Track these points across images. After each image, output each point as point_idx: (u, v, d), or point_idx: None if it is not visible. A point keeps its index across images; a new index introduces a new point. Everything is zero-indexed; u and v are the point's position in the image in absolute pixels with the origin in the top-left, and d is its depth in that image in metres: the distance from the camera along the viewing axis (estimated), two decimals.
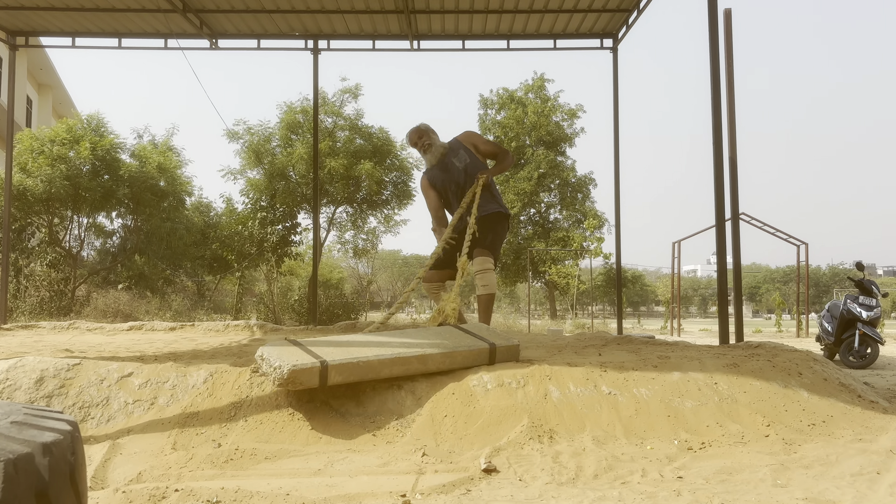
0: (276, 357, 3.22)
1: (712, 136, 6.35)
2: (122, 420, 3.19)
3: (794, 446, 2.88)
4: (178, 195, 15.98)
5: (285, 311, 16.01)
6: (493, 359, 3.75)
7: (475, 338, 3.94)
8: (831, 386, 3.62)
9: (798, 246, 15.23)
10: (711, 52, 6.41)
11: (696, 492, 2.30)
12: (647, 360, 3.82)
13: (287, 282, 19.05)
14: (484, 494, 2.31)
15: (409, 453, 2.81)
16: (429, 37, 9.76)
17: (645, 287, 50.40)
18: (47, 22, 9.39)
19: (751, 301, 60.02)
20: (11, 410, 1.36)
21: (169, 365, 3.57)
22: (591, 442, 2.90)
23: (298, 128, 16.39)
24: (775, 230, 15.03)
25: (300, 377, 3.11)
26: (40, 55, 21.57)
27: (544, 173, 24.27)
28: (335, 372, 3.21)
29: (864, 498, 2.23)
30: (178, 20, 9.13)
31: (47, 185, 13.62)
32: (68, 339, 6.97)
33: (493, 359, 3.75)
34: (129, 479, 2.51)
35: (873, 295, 7.57)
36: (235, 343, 6.41)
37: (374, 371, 3.36)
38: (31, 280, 13.88)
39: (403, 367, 3.46)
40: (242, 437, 3.01)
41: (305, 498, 2.24)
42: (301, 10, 8.89)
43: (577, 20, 9.27)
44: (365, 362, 3.32)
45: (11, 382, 3.29)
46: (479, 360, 3.72)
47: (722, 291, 6.52)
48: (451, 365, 3.62)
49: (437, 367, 3.56)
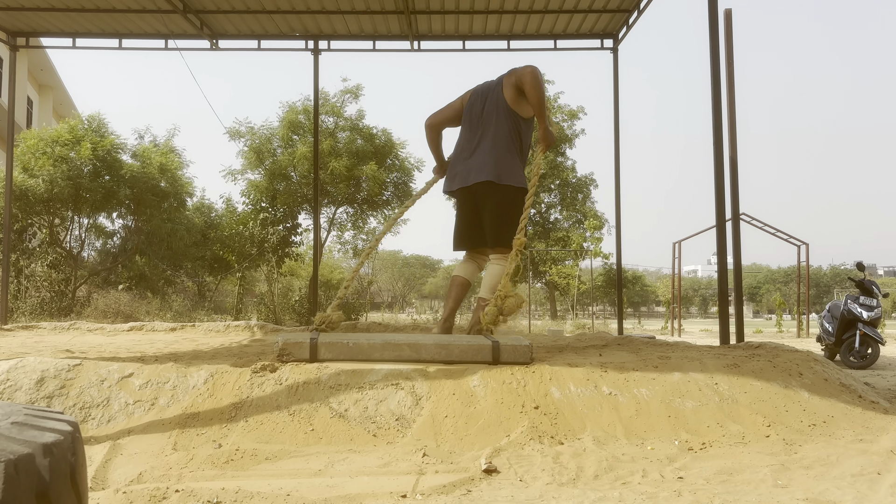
0: (282, 337, 3.71)
1: (713, 136, 6.35)
2: (122, 420, 3.19)
3: (795, 447, 2.88)
4: (179, 196, 15.98)
5: (286, 312, 16.02)
6: (498, 357, 3.60)
7: (483, 336, 3.89)
8: (832, 386, 3.62)
9: (798, 246, 15.23)
10: (711, 52, 6.41)
11: (696, 492, 2.30)
12: (647, 361, 3.83)
13: (287, 282, 19.05)
14: (484, 495, 2.31)
15: (409, 454, 2.81)
16: (429, 37, 9.76)
17: (645, 287, 50.39)
18: (48, 23, 9.40)
19: (751, 301, 59.98)
20: (12, 411, 1.36)
21: (169, 365, 3.57)
22: (592, 442, 2.90)
23: (300, 128, 16.40)
24: (776, 230, 15.03)
25: (292, 350, 3.52)
26: (41, 56, 21.59)
27: (544, 174, 24.28)
28: (325, 349, 3.50)
29: (865, 498, 2.23)
30: (178, 21, 9.14)
31: (49, 186, 13.63)
32: (69, 339, 6.97)
33: (498, 357, 3.60)
34: (130, 479, 2.51)
35: (874, 295, 7.57)
36: (236, 343, 6.41)
37: (363, 353, 3.51)
38: (32, 280, 13.89)
39: (395, 353, 3.54)
40: (243, 438, 3.01)
41: (306, 498, 2.24)
42: (301, 10, 8.89)
43: (577, 21, 9.27)
44: (354, 344, 3.52)
45: (12, 383, 3.30)
46: (480, 356, 3.61)
47: (722, 292, 6.53)
48: (447, 357, 3.58)
49: (430, 356, 3.54)
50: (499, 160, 4.25)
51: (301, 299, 16.44)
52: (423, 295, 57.00)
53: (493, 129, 4.30)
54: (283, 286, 18.14)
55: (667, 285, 34.72)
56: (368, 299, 29.37)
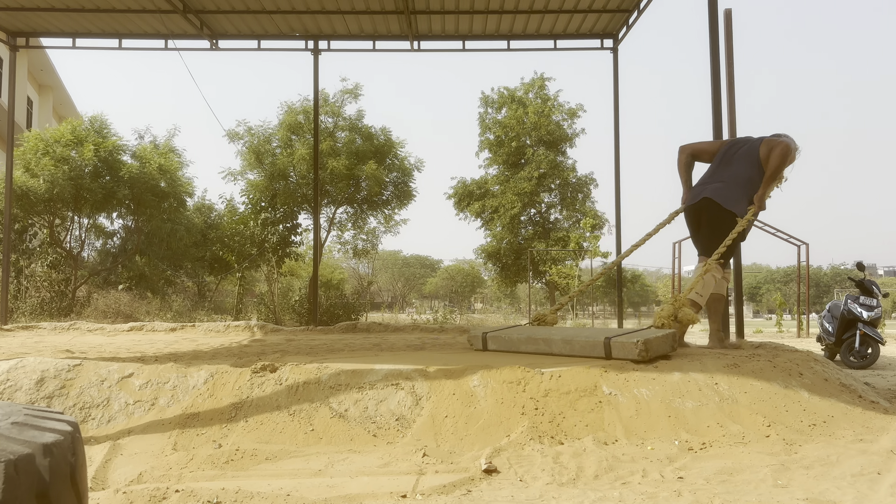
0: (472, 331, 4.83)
1: (712, 136, 6.35)
2: (122, 421, 3.19)
3: (795, 447, 2.88)
4: (178, 196, 15.98)
5: (286, 312, 16.01)
6: (609, 353, 3.77)
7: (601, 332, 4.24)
8: (832, 386, 3.62)
9: (798, 246, 15.22)
10: (712, 52, 6.42)
11: (696, 492, 2.30)
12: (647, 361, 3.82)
13: (287, 282, 19.05)
14: (484, 495, 2.31)
15: (409, 454, 2.81)
16: (429, 37, 9.76)
17: (645, 287, 50.39)
18: (48, 23, 9.40)
19: (751, 301, 60.00)
20: (12, 411, 1.36)
21: (169, 366, 3.57)
22: (592, 442, 2.90)
23: (299, 128, 16.39)
24: (776, 230, 15.02)
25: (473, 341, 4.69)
26: (41, 56, 21.59)
27: (545, 173, 24.25)
28: (490, 341, 4.54)
29: (865, 498, 2.23)
30: (178, 21, 9.14)
31: (50, 186, 13.63)
32: (69, 339, 6.97)
33: (609, 353, 3.77)
34: (130, 479, 2.51)
35: (874, 295, 7.56)
36: (236, 344, 6.41)
37: (514, 345, 4.36)
38: (32, 281, 13.88)
39: (533, 346, 4.24)
40: (243, 438, 3.01)
41: (306, 498, 2.24)
42: (301, 10, 8.89)
43: (577, 21, 9.27)
44: (508, 338, 4.42)
45: (12, 383, 3.30)
46: (595, 351, 3.86)
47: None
48: (570, 351, 4.02)
49: (559, 350, 4.08)
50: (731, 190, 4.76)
51: (301, 299, 16.43)
52: (423, 295, 57.03)
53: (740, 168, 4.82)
54: (283, 286, 18.14)
55: (666, 285, 34.67)
56: (368, 299, 29.36)
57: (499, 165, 25.27)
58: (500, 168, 25.25)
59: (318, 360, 3.84)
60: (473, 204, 25.24)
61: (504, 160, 25.02)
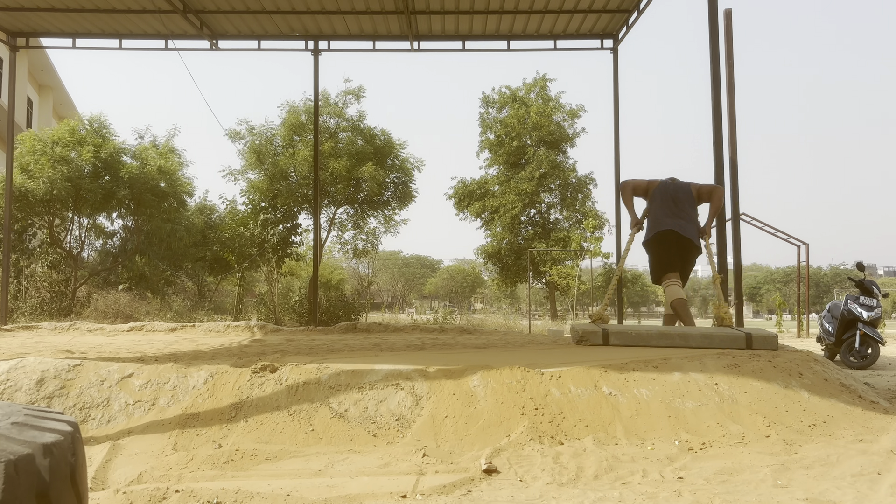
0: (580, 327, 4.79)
1: (713, 137, 6.35)
2: (122, 421, 3.19)
3: (795, 447, 2.88)
4: (178, 196, 15.97)
5: (286, 312, 16.00)
6: (751, 344, 4.32)
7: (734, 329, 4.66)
8: (832, 386, 3.61)
9: (798, 246, 15.22)
10: (712, 52, 6.42)
11: (696, 492, 2.30)
12: (647, 361, 3.82)
13: (287, 283, 19.03)
14: (484, 495, 2.31)
15: (409, 454, 2.81)
16: (429, 37, 9.76)
17: (645, 287, 50.37)
18: (48, 23, 9.40)
19: (751, 301, 59.99)
20: (12, 411, 1.36)
21: (169, 366, 3.57)
22: (592, 442, 2.90)
23: (302, 128, 16.39)
24: (776, 230, 15.02)
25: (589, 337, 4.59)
26: (41, 56, 21.59)
27: (545, 173, 24.27)
28: (614, 337, 4.53)
29: (865, 498, 2.22)
30: (178, 21, 9.14)
31: (49, 187, 13.62)
32: (69, 339, 6.97)
33: (751, 344, 4.32)
34: (130, 479, 2.51)
35: (874, 295, 7.56)
36: (236, 344, 6.41)
37: (643, 340, 4.41)
38: (32, 281, 13.88)
39: (667, 341, 4.35)
40: (243, 438, 3.01)
41: (306, 498, 2.24)
42: (301, 10, 8.89)
43: (577, 21, 9.27)
44: (636, 333, 4.44)
45: (12, 383, 3.30)
46: (737, 344, 4.30)
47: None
48: (709, 345, 4.31)
49: (697, 344, 4.32)
50: (693, 227, 5.93)
51: (301, 299, 16.42)
52: (423, 295, 57.02)
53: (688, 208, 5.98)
54: (283, 286, 18.13)
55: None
56: (368, 299, 29.36)
57: (499, 165, 25.28)
58: (501, 168, 25.27)
59: (318, 361, 3.84)
60: (474, 204, 25.25)
61: (504, 160, 25.03)
